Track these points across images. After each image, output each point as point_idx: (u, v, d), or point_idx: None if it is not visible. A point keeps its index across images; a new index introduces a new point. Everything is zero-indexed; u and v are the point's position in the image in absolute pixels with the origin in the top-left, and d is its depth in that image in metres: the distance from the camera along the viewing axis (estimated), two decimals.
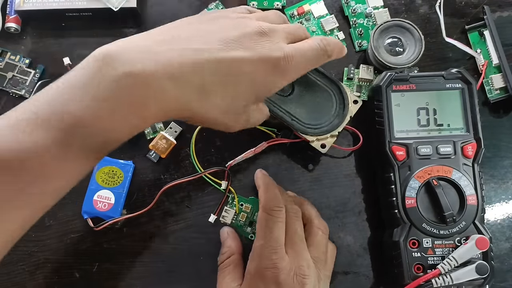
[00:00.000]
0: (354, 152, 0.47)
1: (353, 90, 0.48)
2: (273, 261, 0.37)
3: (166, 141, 0.46)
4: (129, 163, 0.46)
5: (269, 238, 0.38)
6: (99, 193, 0.45)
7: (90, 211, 0.44)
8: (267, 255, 0.37)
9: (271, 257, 0.37)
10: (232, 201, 0.45)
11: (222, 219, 0.45)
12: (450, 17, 0.50)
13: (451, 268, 0.39)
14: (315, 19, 0.50)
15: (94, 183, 0.45)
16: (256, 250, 0.38)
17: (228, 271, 0.40)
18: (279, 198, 0.40)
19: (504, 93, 0.47)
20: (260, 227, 0.39)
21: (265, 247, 0.38)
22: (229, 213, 0.45)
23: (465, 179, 0.41)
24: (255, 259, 0.38)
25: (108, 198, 0.45)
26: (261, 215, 0.39)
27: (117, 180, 0.45)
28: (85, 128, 0.29)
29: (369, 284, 0.44)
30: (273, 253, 0.37)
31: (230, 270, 0.41)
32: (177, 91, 0.31)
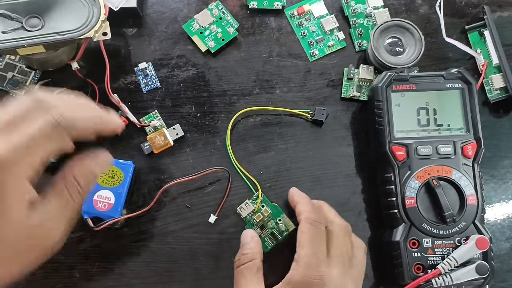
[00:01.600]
0: (354, 152, 0.47)
1: (353, 90, 0.48)
2: (320, 273, 0.36)
3: (164, 139, 0.46)
4: (129, 163, 0.46)
5: (317, 249, 0.37)
6: (99, 193, 0.45)
7: (90, 211, 0.44)
8: (314, 266, 0.36)
9: (319, 268, 0.36)
10: (256, 198, 0.45)
11: (239, 210, 0.45)
12: (450, 17, 0.50)
13: (451, 268, 0.39)
14: (315, 19, 0.50)
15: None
16: (302, 259, 0.37)
17: (252, 274, 0.39)
18: (318, 211, 0.40)
19: (504, 93, 0.47)
20: (304, 237, 0.38)
21: (312, 256, 0.37)
22: (247, 208, 0.45)
23: (465, 179, 0.41)
24: (300, 267, 0.37)
25: (108, 198, 0.45)
26: (305, 226, 0.39)
27: (117, 180, 0.45)
28: None
29: (369, 284, 0.44)
30: (320, 263, 0.37)
31: (254, 273, 0.39)
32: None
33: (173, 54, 0.49)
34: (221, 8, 0.49)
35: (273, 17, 0.50)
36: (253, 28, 0.50)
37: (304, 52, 0.49)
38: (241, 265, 0.40)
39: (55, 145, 0.30)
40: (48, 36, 0.42)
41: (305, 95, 0.48)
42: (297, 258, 0.38)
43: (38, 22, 0.43)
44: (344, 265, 0.38)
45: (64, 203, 0.30)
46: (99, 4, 0.43)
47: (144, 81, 0.48)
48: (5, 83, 0.48)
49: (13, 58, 0.48)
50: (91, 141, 0.32)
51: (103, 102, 0.47)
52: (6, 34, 0.42)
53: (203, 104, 0.48)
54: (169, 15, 0.50)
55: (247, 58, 0.49)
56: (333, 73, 0.49)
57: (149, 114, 0.47)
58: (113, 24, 0.45)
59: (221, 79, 0.49)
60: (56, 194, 0.30)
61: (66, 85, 0.48)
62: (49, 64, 0.47)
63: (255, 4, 0.50)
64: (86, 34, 0.43)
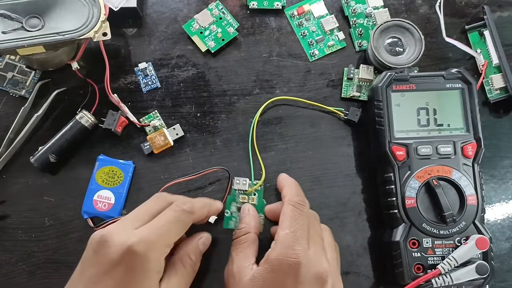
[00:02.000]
0: (354, 152, 0.47)
1: (353, 90, 0.48)
2: (296, 252, 0.36)
3: (164, 139, 0.46)
4: (129, 163, 0.46)
5: (295, 228, 0.37)
6: (99, 193, 0.45)
7: (90, 211, 0.44)
8: (290, 245, 0.36)
9: (294, 247, 0.36)
10: (255, 184, 0.45)
11: (236, 180, 0.45)
12: (450, 17, 0.50)
13: (451, 268, 0.39)
14: (315, 19, 0.50)
15: (94, 183, 0.45)
16: (280, 239, 0.37)
17: (242, 249, 0.40)
18: (303, 194, 0.41)
19: (504, 93, 0.47)
20: (285, 218, 0.38)
21: (290, 236, 0.36)
22: (242, 185, 0.45)
23: (465, 179, 0.41)
24: (277, 247, 0.37)
25: (108, 198, 0.45)
26: (287, 207, 0.39)
27: (117, 180, 0.45)
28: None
29: (369, 284, 0.44)
30: (297, 243, 0.36)
31: (245, 247, 0.40)
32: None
33: (173, 54, 0.49)
34: (221, 8, 0.49)
35: (273, 17, 0.50)
36: (253, 28, 0.50)
37: (304, 52, 0.49)
38: (235, 239, 0.41)
39: (183, 230, 0.37)
40: (48, 37, 0.42)
41: (305, 95, 0.48)
42: (276, 237, 0.38)
43: (38, 22, 0.43)
44: (320, 246, 0.38)
45: (183, 280, 0.37)
46: (99, 4, 0.43)
47: (144, 81, 0.48)
48: (5, 83, 0.48)
49: (13, 58, 0.48)
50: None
51: (103, 102, 0.47)
52: (6, 34, 0.42)
53: (203, 104, 0.48)
54: (169, 15, 0.50)
55: (247, 58, 0.49)
56: (333, 73, 0.49)
57: (149, 114, 0.47)
58: (113, 24, 0.45)
59: (221, 79, 0.49)
60: (175, 273, 0.37)
61: (66, 85, 0.48)
62: (49, 64, 0.47)
63: (255, 4, 0.50)
64: (86, 35, 0.43)
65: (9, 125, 0.46)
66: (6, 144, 0.46)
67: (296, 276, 0.35)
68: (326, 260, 0.38)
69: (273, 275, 0.36)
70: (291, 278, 0.35)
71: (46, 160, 0.45)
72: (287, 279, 0.35)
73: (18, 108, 0.46)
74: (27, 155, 0.46)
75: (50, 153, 0.45)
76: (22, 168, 0.46)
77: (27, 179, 0.46)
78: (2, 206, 0.46)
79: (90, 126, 0.46)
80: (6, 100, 0.48)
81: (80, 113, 0.46)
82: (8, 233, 0.45)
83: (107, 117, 0.46)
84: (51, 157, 0.45)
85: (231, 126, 0.48)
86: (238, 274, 0.38)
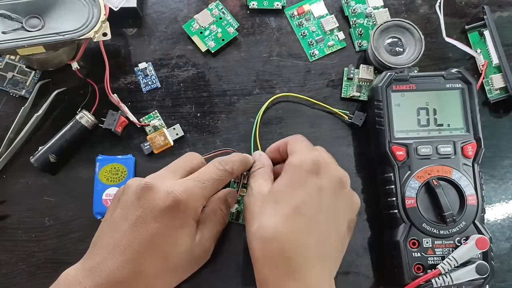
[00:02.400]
0: (354, 152, 0.47)
1: (353, 90, 0.48)
2: (314, 154, 0.38)
3: (164, 139, 0.46)
4: (130, 157, 0.46)
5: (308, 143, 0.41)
6: (107, 192, 0.45)
7: (103, 211, 0.44)
8: (308, 151, 0.39)
9: (312, 152, 0.39)
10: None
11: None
12: (450, 17, 0.50)
13: (451, 268, 0.39)
14: (315, 19, 0.50)
15: (99, 184, 0.45)
16: (296, 150, 0.39)
17: (260, 175, 0.40)
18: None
19: (504, 93, 0.47)
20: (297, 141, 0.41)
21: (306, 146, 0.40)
22: (244, 176, 0.44)
23: (465, 179, 0.41)
24: (295, 155, 0.39)
25: None
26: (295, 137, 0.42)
27: (121, 175, 0.45)
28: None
29: (369, 284, 0.44)
30: (314, 150, 0.39)
31: (262, 174, 0.40)
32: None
33: (173, 54, 0.49)
34: (221, 8, 0.49)
35: (273, 17, 0.50)
36: (253, 28, 0.50)
37: (304, 52, 0.49)
38: (252, 172, 0.42)
39: (221, 186, 0.39)
40: (48, 37, 0.42)
41: (305, 95, 0.48)
42: (290, 151, 0.40)
43: (38, 22, 0.43)
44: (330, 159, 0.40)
45: (214, 229, 0.40)
46: (99, 4, 0.43)
47: (144, 81, 0.48)
48: (5, 83, 0.48)
49: (13, 58, 0.48)
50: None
51: (103, 102, 0.47)
52: (6, 35, 0.42)
53: (203, 104, 0.48)
54: (169, 15, 0.50)
55: (247, 58, 0.49)
56: (333, 73, 0.49)
57: (149, 114, 0.47)
58: (113, 24, 0.45)
59: (221, 79, 0.49)
60: (210, 222, 0.40)
61: (66, 85, 0.48)
62: (49, 64, 0.47)
63: (255, 4, 0.50)
64: (86, 35, 0.43)
65: (9, 125, 0.46)
66: (6, 144, 0.46)
67: (318, 173, 0.37)
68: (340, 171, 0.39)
69: (294, 176, 0.37)
70: (312, 175, 0.37)
71: (46, 160, 0.45)
72: (309, 177, 0.37)
73: (18, 108, 0.46)
74: (27, 155, 0.46)
75: (50, 153, 0.45)
76: (22, 168, 0.46)
77: (27, 179, 0.46)
78: (2, 206, 0.46)
79: (90, 126, 0.46)
80: (6, 100, 0.48)
81: (80, 113, 0.46)
82: (8, 233, 0.45)
83: (107, 117, 0.46)
84: (51, 157, 0.45)
85: (231, 126, 0.48)
86: (259, 194, 0.38)
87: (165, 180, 0.37)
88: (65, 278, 0.35)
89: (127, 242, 0.35)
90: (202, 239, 0.38)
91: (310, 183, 0.37)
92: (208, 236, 0.39)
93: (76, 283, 0.34)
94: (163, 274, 0.36)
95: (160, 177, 0.37)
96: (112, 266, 0.34)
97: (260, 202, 0.37)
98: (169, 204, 0.35)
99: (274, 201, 0.37)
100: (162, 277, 0.36)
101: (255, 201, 0.38)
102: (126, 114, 0.47)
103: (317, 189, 0.37)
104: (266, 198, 0.37)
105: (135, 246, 0.35)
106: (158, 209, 0.35)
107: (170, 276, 0.37)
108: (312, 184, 0.37)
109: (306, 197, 0.36)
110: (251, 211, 0.38)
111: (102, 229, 0.37)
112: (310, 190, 0.36)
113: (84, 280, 0.34)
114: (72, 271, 0.35)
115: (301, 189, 0.36)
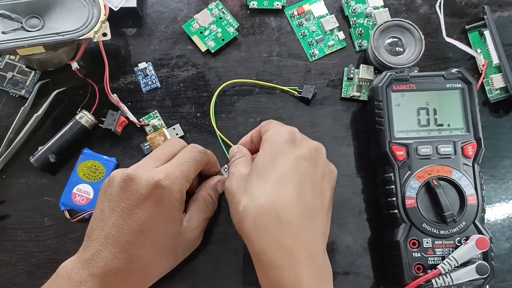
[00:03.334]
0: (354, 152, 0.47)
1: (353, 90, 0.48)
2: (287, 127, 0.39)
3: (164, 139, 0.46)
4: (112, 160, 0.46)
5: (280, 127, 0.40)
6: (78, 187, 0.45)
7: (68, 204, 0.45)
8: (281, 127, 0.40)
9: (285, 127, 0.40)
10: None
11: (223, 169, 0.46)
12: (450, 17, 0.50)
13: (451, 268, 0.39)
14: (315, 19, 0.50)
15: (75, 176, 0.45)
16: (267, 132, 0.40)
17: (239, 161, 0.40)
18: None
19: (504, 93, 0.47)
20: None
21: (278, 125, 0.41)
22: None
23: (465, 179, 0.41)
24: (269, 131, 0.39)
25: (87, 192, 0.45)
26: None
27: (98, 175, 0.45)
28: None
29: (369, 284, 0.44)
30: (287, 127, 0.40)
31: (242, 160, 0.40)
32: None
33: (173, 54, 0.49)
34: (221, 8, 0.49)
35: (273, 17, 0.50)
36: (253, 28, 0.50)
37: (304, 52, 0.49)
38: (233, 161, 0.41)
39: (200, 167, 0.41)
40: (48, 37, 0.42)
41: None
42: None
43: (38, 22, 0.43)
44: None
45: (203, 214, 0.41)
46: (99, 4, 0.43)
47: (144, 81, 0.48)
48: (5, 83, 0.48)
49: (13, 58, 0.48)
50: None
51: (103, 102, 0.47)
52: (6, 35, 0.42)
53: (203, 104, 0.48)
54: (169, 15, 0.50)
55: (247, 58, 0.49)
56: (333, 73, 0.49)
57: (149, 114, 0.47)
58: (113, 24, 0.45)
59: (221, 79, 0.49)
60: (197, 209, 0.41)
61: (66, 85, 0.48)
62: (49, 64, 0.47)
63: (255, 4, 0.50)
64: (86, 35, 0.43)
65: (9, 125, 0.46)
66: (6, 144, 0.46)
67: (294, 143, 0.38)
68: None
69: (272, 147, 0.38)
70: (289, 145, 0.38)
71: (46, 160, 0.45)
72: (286, 146, 0.37)
73: (18, 108, 0.46)
74: (27, 155, 0.46)
75: (50, 153, 0.45)
76: (22, 168, 0.46)
77: (27, 179, 0.46)
78: (2, 206, 0.46)
79: (90, 126, 0.46)
80: (6, 100, 0.48)
81: (80, 113, 0.46)
82: (8, 233, 0.45)
83: (107, 117, 0.46)
84: (51, 157, 0.45)
85: (231, 126, 0.48)
86: (240, 176, 0.38)
87: (147, 169, 0.37)
88: (63, 270, 0.36)
89: (117, 233, 0.36)
90: (191, 223, 0.40)
91: (288, 152, 0.37)
92: (196, 220, 0.40)
93: (73, 274, 0.35)
94: (157, 260, 0.38)
95: (142, 167, 0.38)
96: (106, 257, 0.35)
97: (243, 182, 0.37)
98: (151, 192, 0.36)
99: (257, 175, 0.37)
100: (156, 263, 0.38)
101: (238, 182, 0.38)
102: (126, 114, 0.47)
103: (296, 157, 0.37)
104: (249, 176, 0.37)
105: (125, 236, 0.36)
106: (142, 198, 0.36)
107: (164, 260, 0.39)
108: (291, 152, 0.37)
109: (288, 166, 0.36)
110: (233, 192, 0.37)
111: (93, 222, 0.38)
112: (290, 159, 0.37)
113: (81, 271, 0.35)
114: (69, 263, 0.37)
115: (281, 158, 0.37)
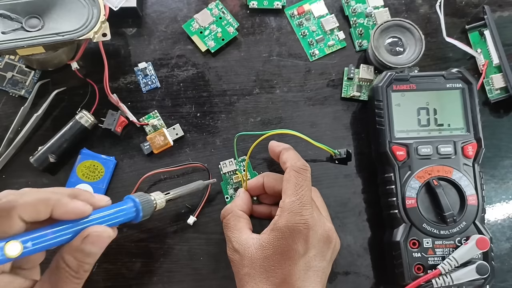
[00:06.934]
0: (354, 152, 0.47)
1: (354, 90, 0.48)
2: (305, 217, 0.37)
3: (164, 139, 0.46)
4: (111, 159, 0.46)
5: (300, 195, 0.38)
6: (78, 187, 0.45)
7: None
8: (298, 211, 0.37)
9: (302, 213, 0.37)
10: (242, 161, 0.46)
11: (222, 165, 0.46)
12: (450, 17, 0.50)
13: (451, 268, 0.39)
14: (315, 19, 0.50)
15: (74, 176, 0.45)
16: (286, 206, 0.38)
17: (234, 225, 0.40)
18: (301, 158, 0.41)
19: (504, 93, 0.47)
20: (290, 185, 0.38)
21: (297, 203, 0.37)
22: (230, 166, 0.46)
23: (465, 179, 0.41)
24: (284, 214, 0.37)
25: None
26: (290, 173, 0.39)
27: (97, 175, 0.45)
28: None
29: (369, 285, 0.44)
30: (304, 209, 0.37)
31: (236, 223, 0.40)
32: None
33: (173, 54, 0.49)
34: (221, 8, 0.49)
35: (273, 17, 0.50)
36: (253, 28, 0.50)
37: (304, 52, 0.49)
38: (223, 221, 0.41)
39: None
40: (47, 37, 0.42)
41: (305, 95, 0.48)
42: (282, 205, 0.38)
43: (37, 22, 0.43)
44: (317, 207, 0.40)
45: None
46: (99, 5, 0.43)
47: (144, 81, 0.48)
48: (4, 83, 0.48)
49: (12, 58, 0.48)
50: None
51: (103, 102, 0.47)
52: (5, 35, 0.42)
53: (203, 104, 0.48)
54: (169, 15, 0.50)
55: (247, 58, 0.49)
56: (333, 73, 0.49)
57: (149, 114, 0.47)
58: (113, 24, 0.45)
59: (221, 79, 0.49)
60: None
61: (66, 85, 0.48)
62: (49, 64, 0.47)
63: (255, 3, 0.50)
64: (86, 35, 0.43)
65: (9, 125, 0.46)
66: (6, 144, 0.46)
67: (307, 240, 0.37)
68: (326, 219, 0.40)
69: (284, 241, 0.37)
70: (302, 242, 0.37)
71: (46, 160, 0.45)
72: (298, 244, 0.37)
73: (18, 108, 0.46)
74: (27, 155, 0.46)
75: (50, 153, 0.45)
76: (22, 168, 0.46)
77: (27, 179, 0.46)
78: None
79: (90, 126, 0.46)
80: (5, 100, 0.48)
81: (79, 113, 0.46)
82: None
83: (107, 117, 0.46)
84: (51, 157, 0.45)
85: (231, 126, 0.48)
86: (242, 248, 0.38)
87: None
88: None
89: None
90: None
91: (298, 255, 0.37)
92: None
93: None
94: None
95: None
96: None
97: (248, 262, 0.37)
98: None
99: (262, 268, 0.37)
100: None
101: (241, 259, 0.38)
102: (125, 114, 0.47)
103: (305, 262, 0.37)
104: (253, 260, 0.37)
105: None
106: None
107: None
108: (300, 256, 0.37)
109: (294, 269, 0.37)
110: (239, 272, 0.38)
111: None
112: (298, 264, 0.37)
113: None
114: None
115: (289, 260, 0.37)
